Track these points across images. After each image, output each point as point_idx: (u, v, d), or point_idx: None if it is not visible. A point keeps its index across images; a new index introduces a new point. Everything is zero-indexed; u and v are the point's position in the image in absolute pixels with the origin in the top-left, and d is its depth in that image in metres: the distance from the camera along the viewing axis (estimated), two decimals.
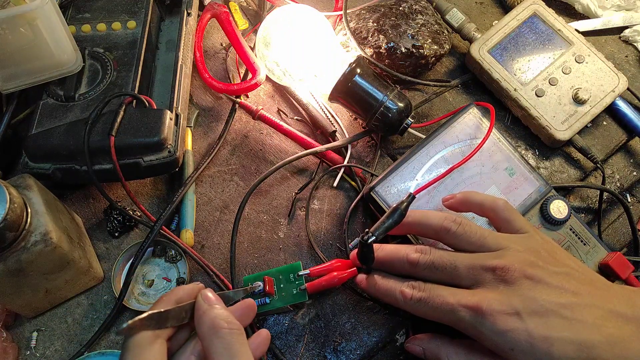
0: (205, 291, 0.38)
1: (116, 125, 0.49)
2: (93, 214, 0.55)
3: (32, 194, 0.44)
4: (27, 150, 0.50)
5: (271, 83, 0.63)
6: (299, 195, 0.56)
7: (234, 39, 0.61)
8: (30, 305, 0.48)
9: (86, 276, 0.49)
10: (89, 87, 0.53)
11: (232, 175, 0.58)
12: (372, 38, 0.60)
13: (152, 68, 0.58)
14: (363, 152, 0.60)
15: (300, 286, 0.48)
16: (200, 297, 0.38)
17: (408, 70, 0.62)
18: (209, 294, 0.38)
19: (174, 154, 0.51)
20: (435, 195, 0.52)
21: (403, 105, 0.55)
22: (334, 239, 0.55)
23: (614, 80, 0.60)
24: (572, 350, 0.38)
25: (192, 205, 0.54)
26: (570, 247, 0.52)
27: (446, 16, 0.65)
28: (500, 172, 0.53)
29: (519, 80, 0.61)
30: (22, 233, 0.41)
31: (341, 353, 0.50)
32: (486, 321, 0.39)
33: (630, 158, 0.62)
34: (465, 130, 0.54)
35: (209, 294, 0.38)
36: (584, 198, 0.60)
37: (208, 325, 0.37)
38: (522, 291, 0.40)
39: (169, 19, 0.63)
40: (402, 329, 0.52)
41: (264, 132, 0.61)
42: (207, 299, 0.38)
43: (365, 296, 0.52)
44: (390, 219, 0.45)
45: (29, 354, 0.49)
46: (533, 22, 0.63)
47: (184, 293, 0.39)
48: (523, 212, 0.52)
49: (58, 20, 0.49)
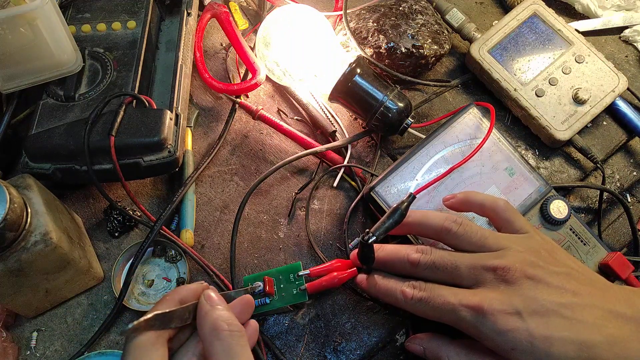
0: (208, 291, 0.38)
1: (116, 125, 0.49)
2: (93, 214, 0.55)
3: (32, 194, 0.44)
4: (27, 150, 0.50)
5: (271, 83, 0.63)
6: (299, 195, 0.56)
7: (234, 39, 0.61)
8: (30, 305, 0.48)
9: (86, 276, 0.49)
10: (89, 87, 0.53)
11: (232, 175, 0.58)
12: (372, 38, 0.60)
13: (152, 68, 0.58)
14: (363, 152, 0.60)
15: (300, 286, 0.48)
16: (203, 297, 0.38)
17: (408, 70, 0.62)
18: (211, 294, 0.38)
19: (174, 154, 0.51)
20: (436, 195, 0.52)
21: (403, 105, 0.55)
22: (334, 239, 0.55)
23: (614, 80, 0.60)
24: (572, 350, 0.38)
25: (192, 205, 0.54)
26: (570, 247, 0.52)
27: (446, 16, 0.65)
28: (500, 172, 0.53)
29: (519, 80, 0.61)
30: (22, 233, 0.41)
31: (341, 353, 0.50)
32: (487, 321, 0.39)
33: (630, 158, 0.62)
34: (465, 130, 0.54)
35: (211, 294, 0.38)
36: (584, 198, 0.60)
37: (209, 327, 0.37)
38: (523, 291, 0.40)
39: (169, 19, 0.63)
40: (402, 329, 0.52)
41: (264, 132, 0.61)
42: (210, 300, 0.38)
43: (365, 296, 0.52)
44: (391, 219, 0.45)
45: (29, 354, 0.49)
46: (533, 22, 0.63)
47: (188, 292, 0.39)
48: (523, 212, 0.52)
49: (58, 20, 0.49)
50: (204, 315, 0.37)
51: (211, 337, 0.36)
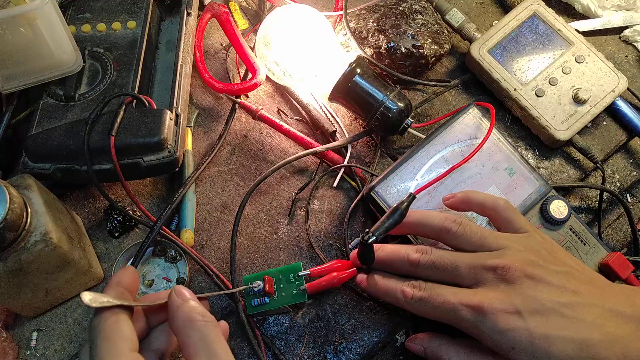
0: (178, 287, 0.38)
1: (116, 125, 0.49)
2: (93, 214, 0.55)
3: (32, 194, 0.44)
4: (27, 150, 0.50)
5: (271, 83, 0.63)
6: (299, 195, 0.56)
7: (234, 39, 0.61)
8: (30, 305, 0.48)
9: (86, 276, 0.49)
10: (89, 87, 0.53)
11: (232, 175, 0.58)
12: (372, 38, 0.60)
13: (152, 68, 0.58)
14: (363, 152, 0.60)
15: (300, 286, 0.48)
16: (174, 292, 0.38)
17: (408, 70, 0.62)
18: (182, 290, 0.38)
19: (174, 154, 0.51)
20: (436, 195, 0.52)
21: (403, 105, 0.55)
22: (334, 239, 0.55)
23: (614, 80, 0.60)
24: (572, 348, 0.38)
25: (192, 205, 0.54)
26: (570, 247, 0.52)
27: (446, 16, 0.65)
28: (500, 172, 0.53)
29: (519, 80, 0.61)
30: (22, 233, 0.41)
31: (341, 353, 0.50)
32: (487, 320, 0.39)
33: (630, 158, 0.62)
34: (465, 130, 0.54)
35: (182, 290, 0.38)
36: (584, 198, 0.60)
37: (182, 319, 0.36)
38: (523, 290, 0.40)
39: (169, 19, 0.63)
40: (402, 329, 0.52)
41: (264, 132, 0.61)
42: (182, 294, 0.38)
43: (365, 296, 0.52)
44: (391, 219, 0.45)
45: (29, 354, 0.49)
46: (533, 22, 0.63)
47: (127, 277, 0.39)
48: (523, 212, 0.52)
49: (58, 20, 0.49)
50: (176, 308, 0.37)
51: (185, 328, 0.36)
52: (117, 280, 0.39)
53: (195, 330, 0.35)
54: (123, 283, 0.38)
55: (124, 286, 0.38)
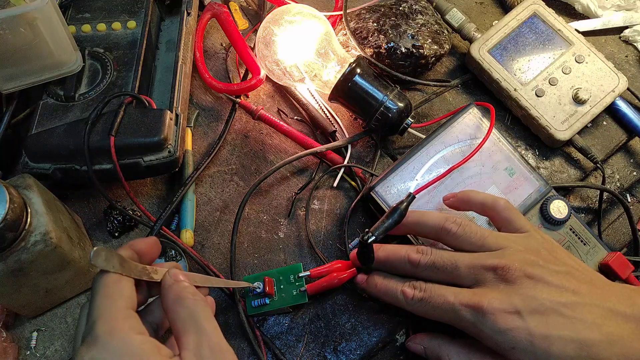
0: (173, 269, 0.39)
1: (116, 125, 0.49)
2: (93, 214, 0.55)
3: (32, 194, 0.44)
4: (27, 150, 0.50)
5: (271, 83, 0.63)
6: (299, 195, 0.56)
7: (234, 39, 0.61)
8: (30, 305, 0.48)
9: (86, 276, 0.49)
10: (89, 87, 0.53)
11: (232, 175, 0.58)
12: (372, 38, 0.60)
13: (152, 68, 0.58)
14: (363, 152, 0.60)
15: (300, 287, 0.48)
16: (168, 274, 0.38)
17: (408, 70, 0.62)
18: (177, 272, 0.38)
19: (174, 154, 0.51)
20: (435, 195, 0.52)
21: (403, 105, 0.55)
22: (334, 239, 0.55)
23: (614, 80, 0.60)
24: (572, 348, 0.38)
25: (192, 205, 0.54)
26: (570, 247, 0.52)
27: (446, 16, 0.65)
28: (500, 172, 0.53)
29: (519, 80, 0.61)
30: (22, 233, 0.41)
31: (341, 353, 0.50)
32: (487, 320, 0.39)
33: (630, 158, 0.62)
34: (465, 130, 0.54)
35: (177, 272, 0.38)
36: (584, 198, 0.60)
37: (173, 297, 0.37)
38: (523, 290, 0.40)
39: (169, 19, 0.63)
40: (402, 329, 0.52)
41: (264, 132, 0.61)
42: (175, 275, 0.38)
43: (365, 296, 0.52)
44: (390, 219, 0.45)
45: (29, 354, 0.49)
46: (533, 22, 0.63)
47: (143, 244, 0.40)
48: (523, 212, 0.52)
49: (58, 20, 0.49)
50: (168, 287, 0.37)
51: (175, 305, 0.36)
52: (132, 244, 0.39)
53: (184, 307, 0.36)
54: (135, 247, 0.39)
55: (136, 250, 0.39)
